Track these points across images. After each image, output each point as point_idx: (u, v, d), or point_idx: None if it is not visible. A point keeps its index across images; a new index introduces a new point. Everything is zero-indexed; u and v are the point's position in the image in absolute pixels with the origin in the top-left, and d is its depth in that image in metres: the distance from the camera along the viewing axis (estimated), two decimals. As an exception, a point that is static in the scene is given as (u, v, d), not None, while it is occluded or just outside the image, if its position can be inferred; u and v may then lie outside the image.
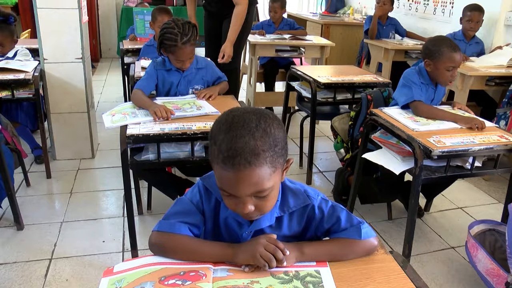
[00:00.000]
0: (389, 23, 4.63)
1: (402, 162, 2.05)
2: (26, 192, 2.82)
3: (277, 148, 0.97)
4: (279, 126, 0.99)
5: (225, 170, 0.94)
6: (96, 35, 6.60)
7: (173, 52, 2.27)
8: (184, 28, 2.24)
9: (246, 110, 1.00)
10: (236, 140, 0.93)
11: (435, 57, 2.27)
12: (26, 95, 2.83)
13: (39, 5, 2.94)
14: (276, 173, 0.99)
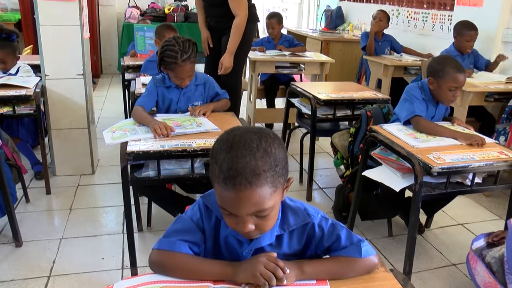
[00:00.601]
0: (384, 40, 4.66)
1: (402, 179, 2.05)
2: (26, 208, 2.81)
3: (278, 168, 0.97)
4: (279, 146, 1.00)
5: (226, 189, 0.95)
6: (97, 51, 6.64)
7: (173, 69, 2.28)
8: (185, 46, 2.26)
9: (247, 129, 1.01)
10: (237, 160, 0.94)
11: (439, 76, 2.28)
12: (27, 111, 2.84)
13: (42, 22, 2.97)
14: (277, 192, 0.99)
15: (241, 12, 3.31)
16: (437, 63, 2.35)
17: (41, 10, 2.95)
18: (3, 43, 3.09)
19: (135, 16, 6.45)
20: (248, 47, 3.58)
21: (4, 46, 3.09)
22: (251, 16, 3.40)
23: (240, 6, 3.30)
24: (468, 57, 3.80)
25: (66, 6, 2.97)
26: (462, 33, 3.70)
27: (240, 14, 3.31)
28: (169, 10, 6.55)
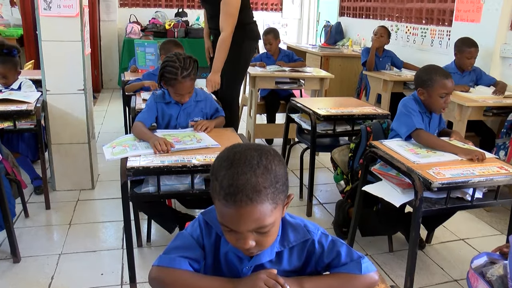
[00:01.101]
0: (385, 55, 4.69)
1: (402, 194, 2.05)
2: (24, 223, 2.80)
3: (278, 184, 0.98)
4: (280, 163, 1.00)
5: (227, 206, 0.95)
6: (98, 66, 6.68)
7: (172, 85, 2.30)
8: (185, 63, 2.27)
9: (248, 146, 1.02)
10: (237, 177, 0.94)
11: (428, 85, 2.32)
12: (28, 126, 2.85)
13: (44, 38, 2.99)
14: (277, 209, 0.99)
15: (227, 27, 3.26)
16: (423, 73, 2.39)
17: (43, 26, 2.98)
18: (4, 58, 3.13)
19: (136, 32, 6.50)
20: (246, 63, 3.60)
21: (6, 61, 3.12)
22: (250, 33, 3.44)
23: (226, 22, 3.26)
24: (469, 74, 3.79)
25: (67, 22, 2.99)
26: (462, 50, 3.69)
27: (226, 30, 3.27)
28: (170, 25, 6.61)
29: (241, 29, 3.36)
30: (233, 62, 3.39)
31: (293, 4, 7.85)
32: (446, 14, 4.55)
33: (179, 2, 7.32)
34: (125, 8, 7.08)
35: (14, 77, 3.21)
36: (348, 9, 6.56)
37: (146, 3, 7.20)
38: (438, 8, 4.66)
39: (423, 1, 4.88)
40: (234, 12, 3.26)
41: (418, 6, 4.98)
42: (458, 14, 4.25)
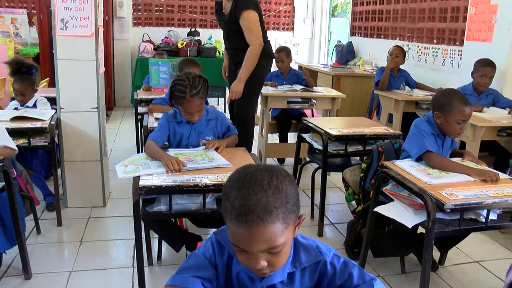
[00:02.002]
0: (400, 75, 4.71)
1: (415, 215, 2.03)
2: (36, 240, 2.82)
3: (289, 204, 0.98)
4: (291, 183, 1.01)
5: (238, 226, 0.96)
6: (111, 84, 6.77)
7: (182, 104, 2.32)
8: (194, 81, 2.30)
9: (259, 167, 1.03)
10: (249, 197, 0.95)
11: (446, 110, 2.30)
12: (42, 143, 2.89)
13: (60, 56, 3.05)
14: (288, 229, 0.99)
15: (255, 40, 3.37)
16: (442, 96, 2.37)
17: (59, 45, 3.04)
18: (23, 76, 3.23)
19: (149, 50, 6.59)
20: (261, 82, 3.65)
21: (24, 79, 3.23)
22: (265, 53, 3.47)
23: (251, 35, 3.37)
24: (486, 97, 3.76)
25: (83, 41, 3.05)
26: (477, 69, 3.69)
27: (254, 43, 3.37)
28: (182, 44, 6.69)
29: None
30: (248, 80, 3.45)
31: (304, 24, 7.92)
32: (458, 33, 4.55)
33: (192, 21, 7.43)
34: (138, 27, 7.20)
35: (31, 95, 3.30)
36: (359, 29, 6.60)
37: (159, 22, 7.31)
38: (450, 28, 4.67)
39: (434, 21, 4.89)
40: (255, 25, 3.38)
41: (429, 26, 4.99)
42: (470, 33, 4.26)
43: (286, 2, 7.78)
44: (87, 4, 3.00)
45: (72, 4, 2.98)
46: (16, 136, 2.80)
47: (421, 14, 5.13)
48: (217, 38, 6.77)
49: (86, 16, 3.02)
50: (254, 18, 3.37)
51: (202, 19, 7.47)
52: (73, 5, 2.99)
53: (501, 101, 3.75)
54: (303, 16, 7.90)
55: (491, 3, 3.98)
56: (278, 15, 7.80)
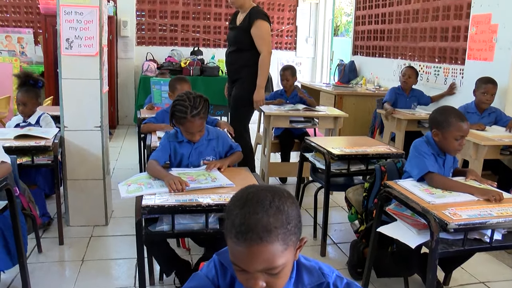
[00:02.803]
0: (412, 95, 4.75)
1: (418, 235, 2.02)
2: (38, 259, 2.80)
3: (290, 226, 0.98)
4: (293, 205, 1.01)
5: (238, 245, 0.96)
6: (114, 102, 6.80)
7: (182, 124, 2.33)
8: (195, 102, 2.31)
9: (262, 187, 1.04)
10: (249, 216, 0.96)
11: (443, 127, 2.31)
12: (45, 161, 2.90)
13: (64, 75, 3.08)
14: (288, 250, 0.99)
15: (265, 48, 3.73)
16: (439, 114, 2.38)
17: (64, 64, 3.07)
18: (28, 88, 3.31)
19: (152, 69, 6.64)
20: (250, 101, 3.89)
21: (28, 90, 3.31)
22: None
23: (264, 43, 3.73)
24: (488, 116, 3.78)
25: (87, 61, 3.08)
26: (479, 86, 3.73)
27: (264, 50, 3.73)
28: (185, 64, 6.74)
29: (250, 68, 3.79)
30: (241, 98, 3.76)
31: (307, 43, 7.99)
32: (459, 53, 4.58)
33: (195, 40, 7.50)
34: (142, 46, 7.28)
35: (33, 108, 3.35)
36: (361, 48, 6.65)
37: (162, 42, 7.39)
38: (451, 47, 4.70)
39: (436, 40, 4.93)
40: (267, 34, 3.75)
41: (430, 45, 5.03)
42: (471, 53, 4.29)
43: (289, 21, 7.86)
44: (92, 24, 3.04)
45: (77, 24, 3.02)
46: (19, 154, 2.81)
47: (422, 33, 5.17)
48: (220, 58, 6.82)
49: (91, 35, 3.05)
50: (267, 28, 3.72)
51: (205, 38, 7.54)
52: (78, 25, 3.02)
53: (504, 119, 3.76)
54: (306, 36, 7.97)
55: (491, 23, 4.01)
56: (281, 35, 7.87)
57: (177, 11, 7.35)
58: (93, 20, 3.04)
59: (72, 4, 3.00)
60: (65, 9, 3.00)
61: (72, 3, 3.00)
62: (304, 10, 7.88)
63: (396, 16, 5.72)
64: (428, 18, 5.06)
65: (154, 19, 7.30)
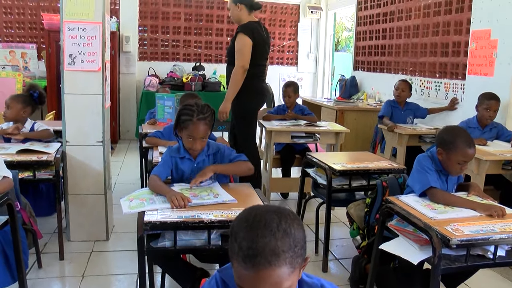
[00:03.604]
0: (407, 108, 4.75)
1: (420, 251, 2.01)
2: (37, 274, 2.79)
3: (297, 248, 0.98)
4: (299, 227, 1.01)
5: (245, 269, 0.96)
6: (116, 117, 6.82)
7: (186, 127, 2.30)
8: (203, 108, 2.33)
9: (267, 209, 1.03)
10: (257, 240, 0.96)
11: (449, 148, 2.30)
12: (47, 176, 2.90)
13: (67, 90, 3.09)
14: (294, 273, 0.99)
15: (239, 62, 3.67)
16: (447, 134, 2.36)
17: (67, 79, 3.09)
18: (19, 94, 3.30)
19: (154, 85, 6.68)
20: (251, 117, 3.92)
21: (18, 96, 3.29)
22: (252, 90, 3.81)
23: (239, 56, 3.68)
24: (490, 131, 3.78)
25: (90, 76, 3.10)
26: (481, 102, 3.74)
27: (237, 63, 3.68)
28: (187, 79, 6.78)
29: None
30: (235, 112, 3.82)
31: (308, 59, 8.04)
32: (460, 68, 4.60)
33: (197, 56, 7.55)
34: (144, 62, 7.33)
35: (18, 113, 3.27)
36: (362, 63, 6.68)
37: (164, 57, 7.45)
38: (452, 62, 4.72)
39: (436, 56, 4.96)
40: (245, 49, 3.66)
41: (431, 61, 5.05)
42: (471, 68, 4.31)
43: (290, 37, 7.92)
44: (95, 40, 3.06)
45: (80, 40, 3.05)
46: (21, 169, 2.81)
47: (423, 48, 5.21)
48: (222, 73, 6.86)
49: (94, 51, 3.08)
50: (247, 43, 3.65)
51: (207, 53, 7.60)
52: (81, 41, 3.05)
53: (505, 134, 3.76)
54: (307, 51, 8.03)
55: (491, 38, 4.04)
56: (282, 50, 7.92)
57: (179, 27, 7.42)
58: (96, 36, 3.07)
59: (75, 20, 3.03)
60: (68, 25, 3.03)
61: (76, 19, 3.03)
62: (305, 26, 7.95)
63: (396, 32, 5.76)
64: (428, 33, 5.09)
65: (156, 34, 7.35)
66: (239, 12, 3.80)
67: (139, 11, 7.18)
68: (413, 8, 5.38)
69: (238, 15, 3.82)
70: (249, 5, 3.80)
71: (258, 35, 3.75)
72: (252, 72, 3.75)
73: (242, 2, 3.78)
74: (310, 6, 7.80)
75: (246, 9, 3.79)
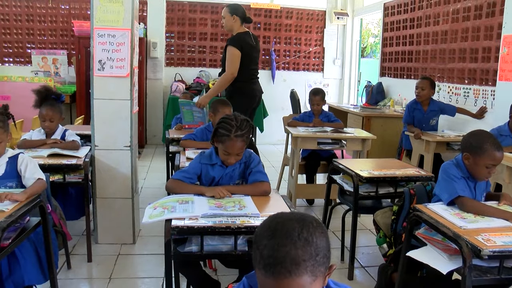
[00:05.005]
0: (431, 109, 4.58)
1: (449, 261, 1.96)
2: (67, 275, 2.84)
3: (319, 257, 0.98)
4: (321, 235, 1.01)
5: (266, 277, 0.96)
6: (143, 122, 6.92)
7: (223, 142, 2.30)
8: (242, 124, 2.31)
9: (290, 216, 1.03)
10: (277, 248, 0.96)
11: (476, 153, 2.24)
12: (76, 179, 2.95)
13: (96, 96, 3.15)
14: (317, 281, 0.98)
15: (229, 70, 4.20)
16: (474, 138, 2.31)
17: (96, 85, 3.15)
18: (53, 103, 3.25)
19: (181, 90, 6.74)
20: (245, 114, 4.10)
21: (54, 105, 3.24)
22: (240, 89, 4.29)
23: (228, 65, 4.21)
24: None
25: (118, 82, 3.15)
26: None
27: (227, 71, 4.22)
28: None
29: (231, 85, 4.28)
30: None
31: (334, 65, 8.00)
32: (490, 74, 4.51)
33: (223, 62, 7.58)
34: (171, 67, 7.41)
35: (57, 124, 3.30)
36: (389, 69, 6.62)
37: (191, 63, 7.51)
38: (481, 68, 4.63)
39: (465, 61, 4.87)
40: (234, 59, 4.18)
41: (460, 67, 4.97)
42: (502, 74, 4.21)
43: (316, 43, 7.90)
44: (124, 46, 3.12)
45: (110, 46, 3.11)
46: (51, 172, 2.87)
47: (451, 54, 5.12)
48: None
49: (123, 57, 3.13)
50: (235, 54, 4.18)
51: (233, 59, 7.62)
52: (110, 47, 3.11)
53: None
54: (333, 57, 7.99)
55: (524, 44, 3.95)
56: (308, 56, 7.91)
57: (205, 33, 7.48)
58: (125, 42, 3.12)
59: (105, 27, 3.09)
60: (98, 32, 3.09)
61: (106, 26, 3.09)
62: (332, 32, 7.91)
63: (424, 38, 5.69)
64: (457, 39, 5.01)
65: (183, 40, 7.44)
66: (233, 22, 4.30)
67: (166, 17, 7.28)
68: (441, 13, 5.31)
69: (232, 25, 4.32)
70: (243, 18, 4.33)
71: (246, 44, 4.26)
72: (245, 75, 4.28)
73: (238, 14, 4.29)
74: (336, 12, 7.77)
75: (239, 21, 4.31)
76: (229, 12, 4.28)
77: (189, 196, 2.24)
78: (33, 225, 2.22)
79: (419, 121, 4.54)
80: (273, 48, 7.65)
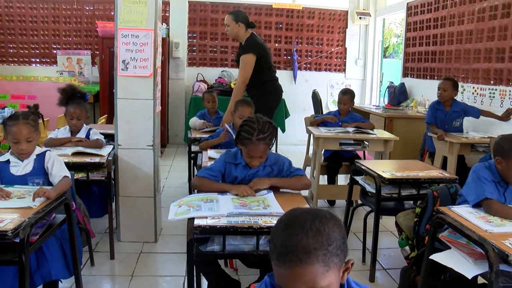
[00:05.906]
0: (453, 110, 4.50)
1: (474, 265, 1.93)
2: (90, 272, 2.89)
3: (331, 247, 0.99)
4: (334, 226, 1.03)
5: (279, 266, 0.99)
6: (165, 122, 6.98)
7: (246, 145, 2.32)
8: (264, 126, 2.31)
9: (304, 210, 1.07)
10: (289, 238, 0.99)
11: (509, 156, 2.20)
12: (99, 178, 2.99)
13: (119, 95, 3.19)
14: (331, 272, 0.99)
15: (240, 77, 4.29)
16: (506, 142, 2.27)
17: (119, 84, 3.19)
18: (79, 101, 3.33)
19: (203, 90, 6.76)
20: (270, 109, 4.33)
21: (81, 104, 3.33)
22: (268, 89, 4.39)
23: (241, 72, 4.29)
24: None
25: (142, 81, 3.19)
26: None
27: (239, 79, 4.33)
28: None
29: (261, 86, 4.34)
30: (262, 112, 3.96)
31: (356, 65, 7.95)
32: (517, 74, 4.41)
33: (245, 62, 7.60)
34: (193, 67, 7.46)
35: (83, 122, 3.38)
36: (412, 70, 6.54)
37: (213, 63, 7.55)
38: (508, 68, 4.52)
39: (491, 62, 4.78)
40: (247, 67, 4.24)
41: (485, 67, 4.88)
42: (531, 75, 4.12)
43: (338, 43, 7.85)
44: (147, 46, 3.15)
45: (133, 46, 3.15)
46: (75, 170, 2.91)
47: (476, 54, 5.03)
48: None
49: (146, 57, 3.17)
50: (249, 61, 4.23)
51: (255, 59, 7.63)
52: (134, 47, 3.15)
53: None
54: (355, 57, 7.93)
55: (553, 45, 3.86)
56: (330, 56, 7.87)
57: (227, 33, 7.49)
58: (148, 42, 3.16)
59: (129, 28, 3.13)
60: (122, 32, 3.13)
61: (129, 26, 3.13)
62: (354, 32, 7.85)
63: (448, 38, 5.60)
64: (482, 38, 4.92)
65: (205, 40, 7.48)
66: (238, 29, 4.38)
67: (188, 17, 7.33)
68: (466, 12, 5.22)
69: (237, 32, 4.39)
70: (247, 24, 4.40)
71: (259, 46, 4.34)
72: (271, 74, 4.45)
73: (242, 21, 4.36)
74: (358, 12, 7.71)
75: (244, 27, 4.37)
76: (233, 20, 4.36)
77: (213, 195, 2.26)
78: (58, 222, 2.27)
79: (442, 122, 4.47)
80: (295, 48, 7.64)
